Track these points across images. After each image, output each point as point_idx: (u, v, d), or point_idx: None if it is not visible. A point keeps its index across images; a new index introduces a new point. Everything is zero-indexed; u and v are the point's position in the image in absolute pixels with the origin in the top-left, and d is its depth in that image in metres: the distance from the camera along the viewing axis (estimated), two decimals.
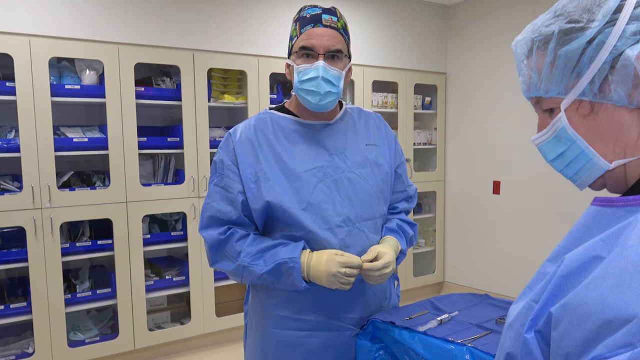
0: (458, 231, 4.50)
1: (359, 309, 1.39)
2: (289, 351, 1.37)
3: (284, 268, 1.26)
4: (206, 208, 1.36)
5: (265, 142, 1.35)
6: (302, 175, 1.32)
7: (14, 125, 2.85)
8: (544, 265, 0.62)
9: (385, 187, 1.44)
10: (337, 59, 1.32)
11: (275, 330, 1.37)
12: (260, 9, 3.48)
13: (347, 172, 1.37)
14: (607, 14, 0.58)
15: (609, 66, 0.58)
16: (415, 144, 4.34)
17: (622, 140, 0.60)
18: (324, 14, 1.30)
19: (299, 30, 1.32)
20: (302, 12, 1.33)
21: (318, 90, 1.29)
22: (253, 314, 1.46)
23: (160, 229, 3.40)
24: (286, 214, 1.30)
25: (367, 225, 1.37)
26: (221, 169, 1.35)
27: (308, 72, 1.29)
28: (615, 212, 0.57)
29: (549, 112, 0.66)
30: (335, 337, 1.37)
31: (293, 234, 1.32)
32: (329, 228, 1.32)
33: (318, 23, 1.29)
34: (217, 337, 3.49)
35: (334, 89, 1.31)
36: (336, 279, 1.24)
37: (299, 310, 1.36)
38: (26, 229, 2.77)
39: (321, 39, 1.28)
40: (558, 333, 0.52)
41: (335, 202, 1.34)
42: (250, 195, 1.31)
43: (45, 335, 2.85)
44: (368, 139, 1.45)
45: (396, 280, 1.56)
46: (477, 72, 4.26)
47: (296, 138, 1.37)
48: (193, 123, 3.23)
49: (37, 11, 2.76)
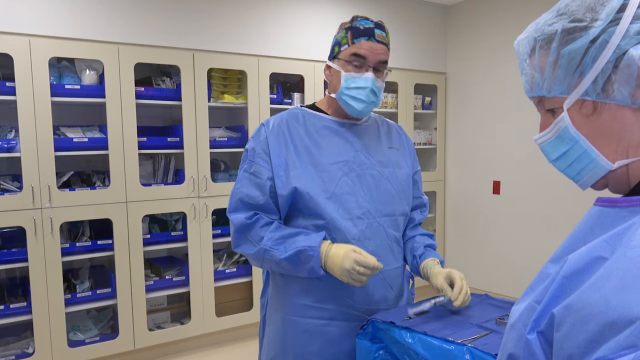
0: (458, 231, 4.50)
1: (376, 300, 1.44)
2: (308, 339, 1.41)
3: (303, 256, 1.31)
4: (235, 192, 1.42)
5: (296, 134, 1.43)
6: (328, 167, 1.40)
7: (14, 125, 2.84)
8: (547, 266, 0.61)
9: (407, 188, 1.52)
10: (381, 72, 1.42)
11: (295, 318, 1.42)
12: (260, 9, 3.47)
13: (370, 168, 1.45)
14: (610, 13, 0.58)
15: (613, 66, 0.58)
16: (415, 144, 4.34)
17: (625, 140, 0.60)
18: (376, 28, 1.39)
19: (350, 39, 1.39)
20: (354, 22, 1.40)
21: (365, 100, 1.39)
22: (272, 305, 1.51)
23: (160, 229, 3.40)
24: (312, 200, 1.36)
25: (386, 221, 1.44)
26: (252, 157, 1.42)
27: (357, 81, 1.38)
28: (618, 212, 0.56)
29: (552, 111, 0.66)
30: (353, 327, 1.41)
31: (316, 223, 1.38)
32: (350, 218, 1.38)
33: (372, 37, 1.37)
34: (217, 337, 3.49)
35: (376, 99, 1.42)
36: (349, 274, 1.28)
37: (318, 299, 1.41)
38: (26, 229, 2.77)
39: (373, 52, 1.37)
40: (561, 334, 0.52)
41: (358, 195, 1.41)
42: (279, 182, 1.38)
43: (45, 335, 2.84)
44: (390, 142, 1.55)
45: (411, 279, 1.62)
46: (477, 72, 4.25)
47: (325, 133, 1.45)
48: (193, 123, 3.23)
49: (37, 11, 2.76)
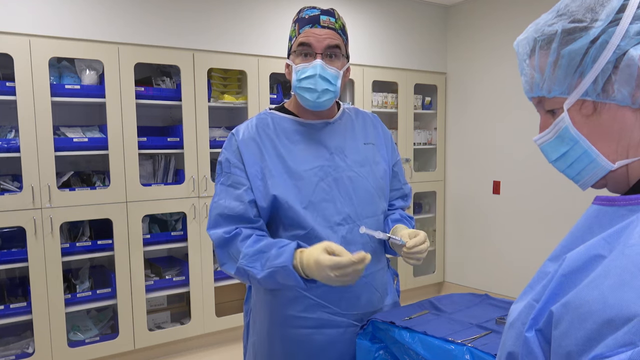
0: (458, 231, 4.50)
1: (362, 304, 1.40)
2: (295, 349, 1.38)
3: (279, 275, 1.22)
4: (213, 207, 1.35)
5: (268, 141, 1.37)
6: (304, 174, 1.34)
7: (14, 125, 2.85)
8: (545, 264, 0.62)
9: (384, 184, 1.47)
10: (335, 58, 1.34)
11: (281, 329, 1.38)
12: (260, 9, 3.48)
13: (347, 170, 1.39)
14: (610, 13, 0.58)
15: (613, 66, 0.58)
16: (415, 144, 4.34)
17: (625, 141, 0.60)
18: (322, 15, 1.33)
19: (297, 30, 1.34)
20: (301, 14, 1.36)
21: (315, 88, 1.31)
22: (256, 314, 1.45)
23: (160, 229, 3.40)
24: (291, 210, 1.31)
25: (367, 223, 1.38)
26: (227, 168, 1.35)
27: (306, 71, 1.31)
28: (616, 211, 0.57)
29: (551, 112, 0.66)
30: (340, 333, 1.38)
31: (296, 233, 1.33)
32: (329, 226, 1.34)
33: (316, 24, 1.31)
34: (217, 337, 3.49)
35: (331, 87, 1.33)
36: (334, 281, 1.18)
37: (303, 308, 1.36)
38: (26, 229, 2.77)
39: (319, 38, 1.31)
40: (559, 332, 0.52)
41: (336, 200, 1.36)
42: (258, 192, 1.32)
43: (45, 335, 2.84)
44: (366, 138, 1.47)
45: (396, 276, 1.58)
46: (477, 72, 4.26)
47: (297, 138, 1.38)
48: (193, 123, 3.23)
49: (37, 11, 2.76)
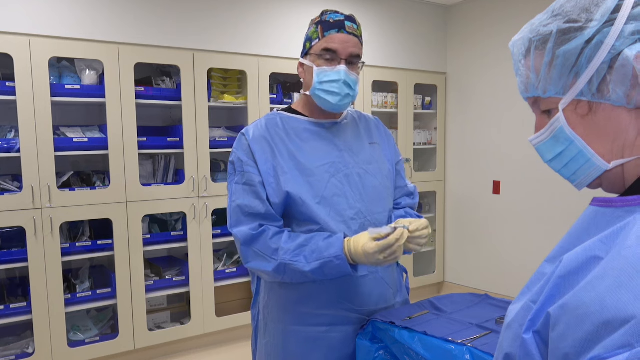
0: (458, 231, 4.50)
1: (375, 300, 1.43)
2: (310, 347, 1.40)
3: (330, 266, 1.26)
4: (232, 206, 1.36)
5: (279, 139, 1.40)
6: (315, 170, 1.38)
7: (14, 125, 2.85)
8: (543, 265, 0.61)
9: (390, 183, 1.52)
10: (354, 65, 1.39)
11: (296, 328, 1.40)
12: (260, 9, 3.48)
13: (356, 167, 1.43)
14: (605, 13, 0.58)
15: (608, 66, 0.58)
16: (415, 144, 4.34)
17: (620, 141, 0.60)
18: (346, 20, 1.36)
19: (321, 33, 1.36)
20: (324, 16, 1.38)
21: (339, 92, 1.36)
22: (268, 314, 1.46)
23: (160, 229, 3.40)
24: (304, 205, 1.34)
25: (378, 218, 1.43)
26: (240, 167, 1.37)
27: (330, 75, 1.35)
28: (613, 212, 0.57)
29: (547, 112, 0.66)
30: (355, 330, 1.41)
31: (310, 228, 1.35)
32: (343, 221, 1.37)
33: (342, 29, 1.35)
34: (217, 337, 3.49)
35: (352, 92, 1.38)
36: (383, 262, 1.23)
37: (319, 305, 1.39)
38: (26, 229, 2.77)
39: (345, 45, 1.35)
40: (556, 334, 0.52)
41: (348, 195, 1.39)
42: (270, 189, 1.34)
43: (45, 335, 2.85)
44: (370, 138, 1.53)
45: (405, 273, 1.61)
46: (477, 72, 4.25)
47: (307, 135, 1.42)
48: (193, 123, 3.23)
49: (37, 11, 2.76)
